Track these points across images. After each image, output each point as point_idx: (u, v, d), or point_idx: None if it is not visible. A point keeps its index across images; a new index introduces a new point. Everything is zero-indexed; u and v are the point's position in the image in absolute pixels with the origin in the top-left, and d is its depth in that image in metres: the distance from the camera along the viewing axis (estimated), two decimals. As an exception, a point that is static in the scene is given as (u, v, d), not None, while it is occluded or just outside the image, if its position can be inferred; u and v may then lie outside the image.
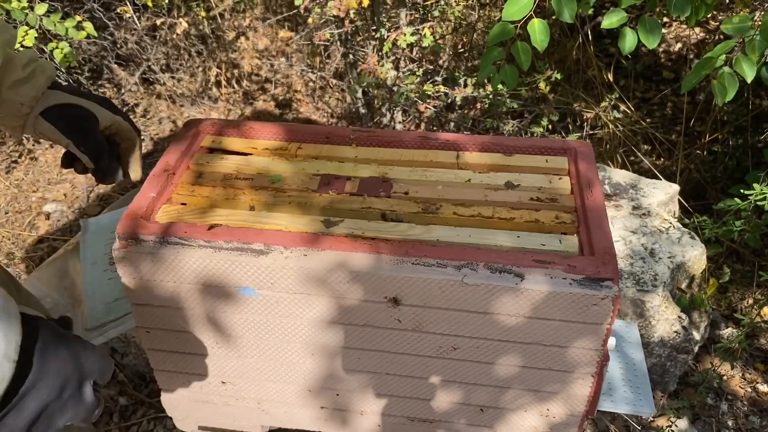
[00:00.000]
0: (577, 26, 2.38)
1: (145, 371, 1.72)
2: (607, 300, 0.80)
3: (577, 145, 1.02)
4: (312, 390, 1.00)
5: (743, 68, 1.32)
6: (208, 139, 1.05)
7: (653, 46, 1.38)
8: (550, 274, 0.81)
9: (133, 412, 1.66)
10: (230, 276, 0.87)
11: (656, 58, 2.94)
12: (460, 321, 0.86)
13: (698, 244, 1.69)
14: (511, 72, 1.47)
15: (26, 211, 2.22)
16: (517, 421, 0.99)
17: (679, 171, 2.32)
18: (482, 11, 2.64)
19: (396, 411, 1.01)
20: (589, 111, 2.46)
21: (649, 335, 1.60)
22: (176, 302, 0.91)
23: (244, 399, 1.04)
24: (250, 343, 0.95)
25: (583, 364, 0.89)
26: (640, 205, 1.79)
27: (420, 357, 0.92)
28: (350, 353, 0.94)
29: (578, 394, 0.93)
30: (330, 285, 0.85)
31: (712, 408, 1.72)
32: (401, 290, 0.84)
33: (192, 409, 1.08)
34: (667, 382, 1.70)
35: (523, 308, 0.83)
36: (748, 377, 1.80)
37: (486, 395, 0.96)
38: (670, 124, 2.64)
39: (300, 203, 0.93)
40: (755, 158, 2.28)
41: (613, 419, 1.63)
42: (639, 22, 1.39)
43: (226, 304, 0.90)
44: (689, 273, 1.70)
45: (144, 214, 0.89)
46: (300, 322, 0.91)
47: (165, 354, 0.99)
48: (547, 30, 1.36)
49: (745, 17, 1.34)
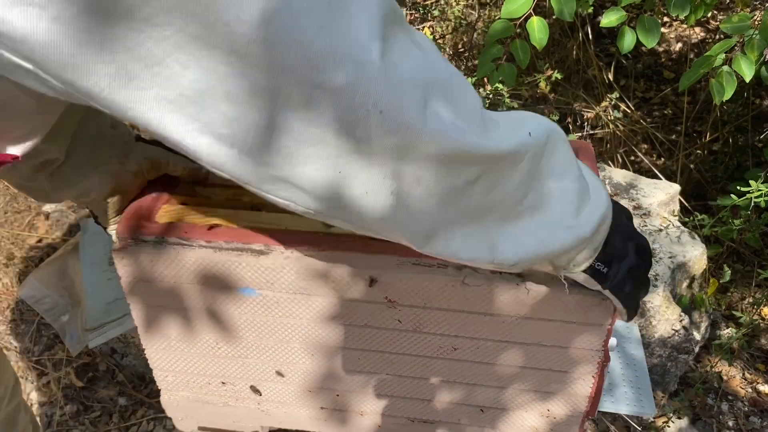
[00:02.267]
0: (578, 25, 2.38)
1: (144, 371, 1.72)
2: (608, 301, 0.80)
3: (578, 144, 1.02)
4: (312, 390, 1.00)
5: (742, 67, 1.32)
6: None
7: (652, 46, 1.38)
8: (551, 275, 0.81)
9: (133, 412, 1.66)
10: (230, 276, 0.86)
11: (657, 58, 2.94)
12: (460, 321, 0.86)
13: (699, 244, 1.68)
14: (509, 70, 1.47)
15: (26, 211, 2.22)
16: (518, 422, 0.99)
17: (680, 171, 2.32)
18: (482, 11, 2.64)
19: (396, 411, 1.01)
20: (589, 111, 2.46)
21: (649, 335, 1.60)
22: (176, 302, 0.91)
23: (244, 399, 1.04)
24: (250, 343, 0.95)
25: (584, 364, 0.89)
26: (641, 204, 1.79)
27: (420, 357, 0.92)
28: (350, 353, 0.94)
29: (579, 394, 0.93)
30: (330, 285, 0.85)
31: (712, 408, 1.72)
32: (402, 290, 0.84)
33: (192, 409, 1.07)
34: (667, 382, 1.70)
35: (523, 309, 0.83)
36: (749, 377, 1.80)
37: (486, 396, 0.96)
38: (671, 123, 2.64)
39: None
40: (756, 158, 2.28)
41: (614, 419, 1.63)
42: (638, 21, 1.39)
43: (226, 305, 0.90)
44: (690, 273, 1.70)
45: (144, 214, 0.89)
46: (300, 322, 0.91)
47: (164, 354, 0.99)
48: (546, 28, 1.35)
49: (745, 16, 1.34)
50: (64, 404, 1.64)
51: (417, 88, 0.46)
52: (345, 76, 0.43)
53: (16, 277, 1.94)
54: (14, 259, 1.99)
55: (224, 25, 0.40)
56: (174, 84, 0.42)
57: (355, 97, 0.43)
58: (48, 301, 1.61)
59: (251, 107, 0.43)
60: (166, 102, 0.43)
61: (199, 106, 0.43)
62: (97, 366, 1.72)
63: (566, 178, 0.59)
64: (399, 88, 0.45)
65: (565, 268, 0.66)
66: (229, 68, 0.41)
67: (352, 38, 0.43)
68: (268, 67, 0.42)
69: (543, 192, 0.58)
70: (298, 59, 0.42)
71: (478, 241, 0.57)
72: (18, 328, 1.81)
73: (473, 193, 0.54)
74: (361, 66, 0.43)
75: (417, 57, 0.47)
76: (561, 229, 0.60)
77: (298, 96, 0.43)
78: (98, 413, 1.65)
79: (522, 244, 0.59)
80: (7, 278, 1.93)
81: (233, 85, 0.42)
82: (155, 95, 0.42)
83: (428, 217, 0.53)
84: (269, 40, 0.41)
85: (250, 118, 0.44)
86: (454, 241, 0.57)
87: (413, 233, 0.54)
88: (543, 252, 0.61)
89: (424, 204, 0.52)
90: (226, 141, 0.45)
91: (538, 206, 0.59)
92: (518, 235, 0.59)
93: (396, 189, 0.49)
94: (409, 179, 0.49)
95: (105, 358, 1.73)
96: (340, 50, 0.42)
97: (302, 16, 0.41)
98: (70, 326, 1.56)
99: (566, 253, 0.62)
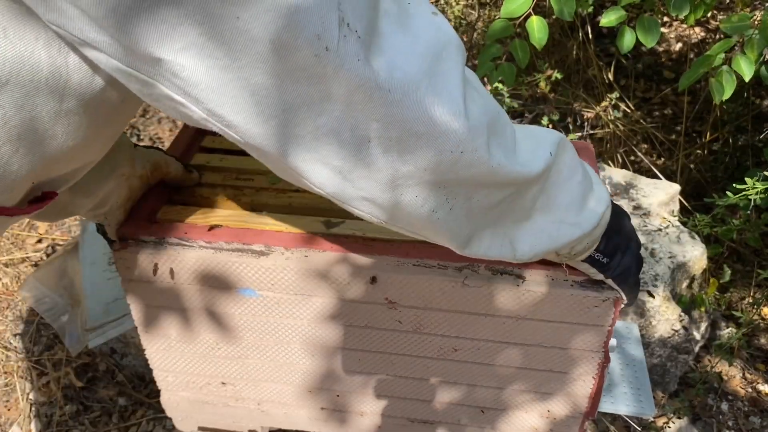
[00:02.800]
0: (578, 25, 2.38)
1: (144, 371, 1.72)
2: (608, 302, 0.80)
3: (578, 144, 1.02)
4: (312, 391, 1.00)
5: (741, 67, 1.32)
6: (209, 138, 1.04)
7: (651, 45, 1.38)
8: (551, 276, 0.81)
9: (133, 412, 1.66)
10: (230, 277, 0.86)
11: (657, 58, 2.94)
12: (460, 322, 0.86)
13: (699, 244, 1.68)
14: (509, 70, 1.47)
15: (25, 210, 2.21)
16: (518, 422, 0.99)
17: (680, 170, 2.32)
18: (482, 10, 2.63)
19: (396, 412, 1.01)
20: (589, 110, 2.46)
21: (649, 335, 1.60)
22: (176, 303, 0.91)
23: (244, 400, 1.04)
24: (250, 343, 0.95)
25: (584, 365, 0.89)
26: (641, 204, 1.78)
27: (420, 358, 0.92)
28: (351, 354, 0.94)
29: (579, 395, 0.93)
30: (331, 286, 0.85)
31: (712, 408, 1.72)
32: (402, 292, 0.84)
33: (192, 409, 1.07)
34: (667, 382, 1.70)
35: (524, 310, 0.83)
36: (749, 377, 1.80)
37: (487, 396, 0.96)
38: (671, 123, 2.64)
39: (300, 205, 0.92)
40: (756, 157, 2.28)
41: (614, 420, 1.63)
42: (637, 21, 1.39)
43: (226, 305, 0.90)
44: (690, 273, 1.70)
45: (144, 215, 0.89)
46: (300, 322, 0.91)
47: (164, 354, 0.99)
48: (546, 28, 1.35)
49: (745, 16, 1.34)
50: (64, 404, 1.64)
51: (484, 130, 0.57)
52: (441, 127, 0.54)
53: (16, 277, 1.94)
54: (14, 259, 1.99)
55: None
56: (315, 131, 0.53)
57: (447, 143, 0.55)
58: (48, 301, 1.61)
59: (360, 150, 0.54)
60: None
61: (322, 147, 0.54)
62: (97, 366, 1.72)
63: (570, 182, 0.69)
64: (474, 133, 0.56)
65: (566, 256, 0.75)
66: (352, 121, 0.52)
67: (448, 97, 0.54)
68: (388, 122, 0.53)
69: (550, 196, 0.68)
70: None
71: (501, 241, 0.69)
72: (18, 328, 1.81)
73: (502, 205, 0.65)
74: (453, 119, 0.54)
75: (478, 102, 0.58)
76: (566, 226, 0.70)
77: (396, 141, 0.54)
78: (98, 413, 1.65)
79: (535, 240, 0.70)
80: (7, 278, 1.93)
81: (347, 128, 0.52)
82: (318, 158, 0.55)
83: (471, 226, 0.65)
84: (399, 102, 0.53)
85: (359, 156, 0.55)
86: (484, 242, 0.67)
87: (459, 239, 0.65)
88: (553, 246, 0.71)
89: (470, 216, 0.64)
90: (336, 171, 0.55)
91: (546, 208, 0.69)
92: (532, 233, 0.70)
93: (453, 205, 0.61)
94: (462, 198, 0.61)
95: (105, 358, 1.73)
96: (438, 108, 0.54)
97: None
98: (70, 326, 1.56)
99: (569, 245, 0.72)
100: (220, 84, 0.48)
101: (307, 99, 0.50)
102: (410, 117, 0.52)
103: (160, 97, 0.50)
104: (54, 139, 0.54)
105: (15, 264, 1.98)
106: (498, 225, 0.67)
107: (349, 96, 0.50)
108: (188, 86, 0.48)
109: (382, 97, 0.50)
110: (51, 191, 0.62)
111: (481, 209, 0.64)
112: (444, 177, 0.58)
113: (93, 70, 0.51)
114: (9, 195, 0.56)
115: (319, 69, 0.48)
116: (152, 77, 0.49)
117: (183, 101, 0.50)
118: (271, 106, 0.50)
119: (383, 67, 0.50)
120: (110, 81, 0.53)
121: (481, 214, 0.64)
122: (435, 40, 0.54)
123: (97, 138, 0.59)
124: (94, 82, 0.52)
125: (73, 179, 0.65)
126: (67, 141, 0.55)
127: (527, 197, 0.67)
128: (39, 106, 0.51)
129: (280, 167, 0.56)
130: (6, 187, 0.55)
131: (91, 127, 0.56)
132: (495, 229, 0.67)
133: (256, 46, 0.46)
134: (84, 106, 0.54)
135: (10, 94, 0.49)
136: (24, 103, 0.50)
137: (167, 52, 0.46)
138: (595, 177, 0.75)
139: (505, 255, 0.70)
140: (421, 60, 0.52)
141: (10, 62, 0.47)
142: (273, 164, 0.57)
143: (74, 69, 0.51)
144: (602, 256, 0.76)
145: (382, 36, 0.50)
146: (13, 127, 0.51)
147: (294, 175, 0.57)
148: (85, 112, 0.54)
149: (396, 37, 0.51)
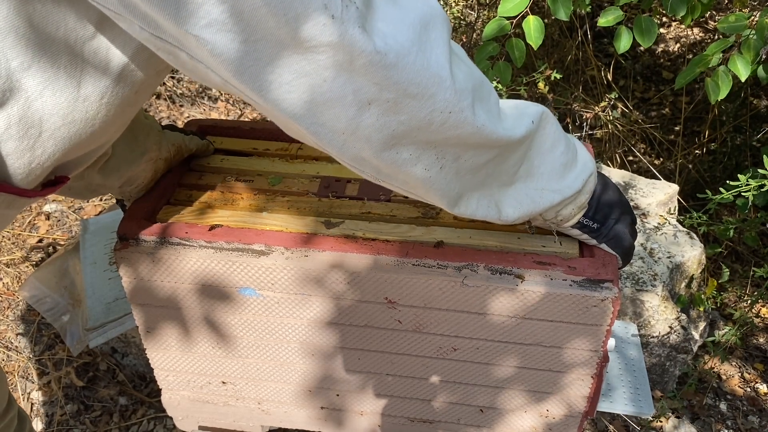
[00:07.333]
0: (576, 25, 2.38)
1: (145, 371, 1.72)
2: (606, 301, 0.81)
3: (577, 145, 1.02)
4: (312, 390, 1.01)
5: (738, 67, 1.33)
6: (209, 139, 1.05)
7: (648, 45, 1.38)
8: (550, 276, 0.82)
9: (133, 412, 1.66)
10: (231, 276, 0.87)
11: (655, 58, 2.95)
12: (460, 322, 0.86)
13: (697, 244, 1.69)
14: (504, 69, 1.47)
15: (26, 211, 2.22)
16: (517, 422, 0.99)
17: (678, 171, 2.32)
18: (481, 11, 2.64)
19: (396, 411, 1.02)
20: (588, 111, 2.46)
21: (648, 335, 1.61)
22: (176, 302, 0.91)
23: (244, 399, 1.04)
24: (250, 343, 0.95)
25: (582, 365, 0.89)
26: (639, 204, 1.79)
27: (420, 358, 0.93)
28: (350, 354, 0.94)
29: (578, 394, 0.93)
30: (330, 286, 0.85)
31: (711, 408, 1.73)
32: (402, 291, 0.84)
33: (192, 409, 1.08)
34: (666, 381, 1.71)
35: (523, 309, 0.84)
36: (747, 377, 1.81)
37: (486, 396, 0.96)
38: (669, 123, 2.64)
39: (300, 207, 0.93)
40: (754, 157, 2.28)
41: (612, 419, 1.63)
42: (634, 21, 1.40)
43: (226, 305, 0.91)
44: (688, 273, 1.71)
45: (144, 215, 0.89)
46: (300, 322, 0.91)
47: (165, 354, 0.99)
48: (542, 27, 1.36)
49: (741, 16, 1.34)
50: (65, 404, 1.65)
51: (469, 93, 0.63)
52: (431, 89, 0.60)
53: (16, 277, 1.94)
54: (15, 259, 1.99)
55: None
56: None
57: (436, 104, 0.61)
58: (49, 301, 1.62)
59: (362, 112, 0.60)
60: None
61: (329, 111, 0.59)
62: (98, 365, 1.73)
63: (552, 153, 0.75)
64: (460, 95, 0.62)
65: (553, 221, 0.81)
66: (354, 85, 0.57)
67: (436, 62, 0.60)
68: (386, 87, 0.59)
69: (533, 165, 0.75)
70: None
71: (487, 202, 0.74)
72: (19, 328, 1.81)
73: (488, 167, 0.71)
74: (441, 81, 0.60)
75: (464, 69, 0.64)
76: (548, 192, 0.77)
77: (393, 103, 0.60)
78: (99, 413, 1.65)
79: (519, 203, 0.76)
80: (8, 278, 1.94)
81: (350, 92, 0.58)
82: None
83: (459, 185, 0.70)
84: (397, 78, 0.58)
85: (361, 117, 0.60)
86: (472, 202, 0.73)
87: (449, 197, 0.70)
88: (535, 209, 0.77)
89: (459, 175, 0.69)
90: (339, 132, 0.61)
91: (528, 175, 0.76)
92: (516, 197, 0.76)
93: (443, 164, 0.67)
94: (451, 157, 0.67)
95: (105, 357, 1.73)
96: (427, 71, 0.59)
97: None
98: (71, 326, 1.56)
99: (552, 209, 0.78)
100: (239, 56, 0.54)
101: (317, 66, 0.55)
102: (404, 79, 0.58)
103: (186, 63, 0.57)
104: (90, 120, 0.62)
105: (16, 264, 1.99)
106: (485, 187, 0.73)
107: (352, 61, 0.55)
108: (210, 57, 0.54)
109: (380, 62, 0.56)
110: (63, 175, 0.69)
111: (469, 169, 0.70)
112: (435, 137, 0.64)
113: (121, 48, 0.60)
114: (34, 178, 0.63)
115: (325, 37, 0.53)
116: (180, 46, 0.55)
117: (206, 69, 0.57)
118: (283, 74, 0.55)
119: (379, 35, 0.56)
120: (137, 59, 0.61)
121: (469, 175, 0.70)
122: (423, 12, 0.59)
123: (115, 120, 0.67)
124: (124, 58, 0.61)
125: (84, 164, 0.71)
126: (95, 122, 0.63)
127: (510, 161, 0.72)
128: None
129: (293, 128, 0.62)
130: (35, 169, 0.62)
131: (120, 106, 0.64)
132: (482, 190, 0.73)
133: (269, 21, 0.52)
134: (115, 84, 0.62)
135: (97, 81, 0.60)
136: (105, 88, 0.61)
137: (193, 27, 0.52)
138: (581, 147, 0.80)
139: (491, 216, 0.75)
140: (411, 30, 0.58)
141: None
142: (284, 125, 0.63)
143: (109, 48, 0.59)
144: (592, 222, 0.82)
145: (377, 8, 0.56)
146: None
147: (303, 135, 0.63)
148: (116, 92, 0.63)
149: (388, 10, 0.57)
